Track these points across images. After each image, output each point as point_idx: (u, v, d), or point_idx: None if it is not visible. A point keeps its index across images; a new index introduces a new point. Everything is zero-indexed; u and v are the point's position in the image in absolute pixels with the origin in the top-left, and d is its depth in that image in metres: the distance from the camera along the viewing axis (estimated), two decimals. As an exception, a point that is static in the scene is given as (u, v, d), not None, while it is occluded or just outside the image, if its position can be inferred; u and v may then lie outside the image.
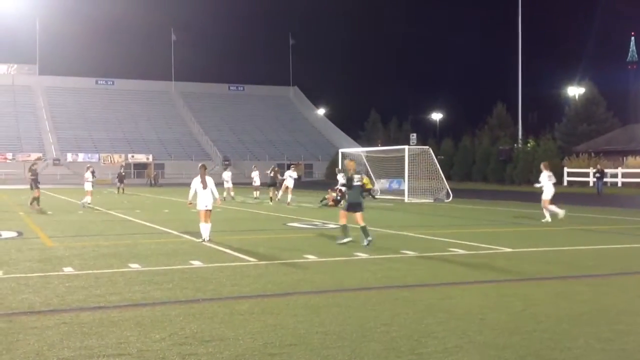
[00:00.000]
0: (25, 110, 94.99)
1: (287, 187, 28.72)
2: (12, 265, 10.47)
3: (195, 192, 13.70)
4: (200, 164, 14.44)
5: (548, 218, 19.19)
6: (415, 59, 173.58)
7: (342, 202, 26.56)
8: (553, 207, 19.38)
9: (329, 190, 27.96)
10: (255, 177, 33.92)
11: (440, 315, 7.01)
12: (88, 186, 26.75)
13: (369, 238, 12.88)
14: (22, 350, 5.65)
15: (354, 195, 13.49)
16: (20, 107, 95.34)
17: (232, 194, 32.34)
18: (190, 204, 13.99)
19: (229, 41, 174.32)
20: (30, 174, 25.08)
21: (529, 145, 58.41)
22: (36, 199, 24.09)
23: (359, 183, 13.51)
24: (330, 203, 26.45)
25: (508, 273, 9.99)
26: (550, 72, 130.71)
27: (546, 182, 19.55)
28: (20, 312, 7.08)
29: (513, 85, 64.39)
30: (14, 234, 15.43)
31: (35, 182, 24.33)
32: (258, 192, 33.11)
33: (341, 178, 29.00)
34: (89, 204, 26.13)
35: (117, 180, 43.16)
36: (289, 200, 28.01)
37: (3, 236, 15.03)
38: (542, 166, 20.41)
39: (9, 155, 79.99)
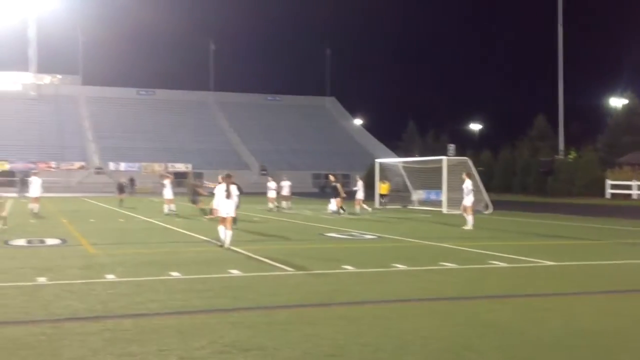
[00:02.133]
0: (68, 119, 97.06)
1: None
2: (56, 271, 10.69)
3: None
4: (225, 173, 15.10)
5: (470, 225, 20.45)
6: (454, 70, 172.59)
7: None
8: (467, 216, 20.72)
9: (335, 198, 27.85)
10: (285, 187, 33.89)
11: (480, 328, 6.94)
12: (168, 194, 26.95)
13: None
14: (67, 356, 5.76)
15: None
16: (64, 116, 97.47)
17: (278, 203, 32.33)
18: (216, 210, 14.47)
19: (267, 51, 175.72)
20: (194, 188, 25.71)
21: (570, 156, 57.51)
22: (204, 210, 24.78)
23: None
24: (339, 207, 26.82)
25: (549, 287, 9.84)
26: (592, 82, 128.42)
27: (469, 190, 20.81)
28: (64, 318, 7.23)
29: (554, 96, 63.57)
30: (58, 242, 15.76)
31: (196, 196, 25.21)
32: (289, 202, 33.15)
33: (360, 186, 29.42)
34: (174, 211, 26.51)
35: (117, 190, 38.84)
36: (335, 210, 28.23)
37: (47, 243, 15.37)
38: (464, 175, 21.63)
39: (53, 164, 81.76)
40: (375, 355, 5.88)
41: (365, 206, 28.81)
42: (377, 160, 40.99)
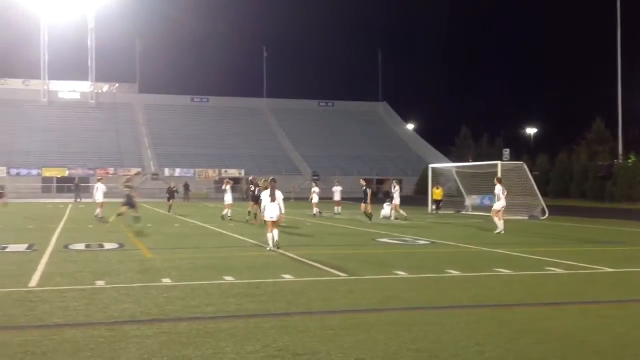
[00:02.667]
0: (125, 126, 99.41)
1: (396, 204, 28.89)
2: (113, 275, 10.94)
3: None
4: (270, 178, 15.90)
5: (501, 229, 20.97)
6: (508, 72, 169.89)
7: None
8: (496, 220, 21.29)
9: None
10: (337, 192, 33.85)
11: (537, 336, 6.80)
12: (229, 199, 27.48)
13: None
14: (124, 358, 5.88)
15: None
16: (121, 123, 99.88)
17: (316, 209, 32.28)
18: (263, 216, 15.15)
19: (319, 57, 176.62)
20: (252, 186, 26.15)
21: (629, 160, 55.88)
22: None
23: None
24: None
25: (609, 294, 9.58)
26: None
27: (500, 195, 21.48)
28: (121, 321, 7.38)
29: (612, 99, 61.89)
30: (116, 246, 16.12)
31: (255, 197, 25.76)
32: (339, 208, 33.14)
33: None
34: (229, 216, 26.92)
35: (167, 195, 35.51)
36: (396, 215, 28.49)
37: (105, 247, 15.74)
38: (495, 180, 22.50)
39: (111, 170, 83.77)
40: (429, 362, 5.81)
41: (401, 211, 28.72)
42: (430, 166, 40.65)
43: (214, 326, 7.12)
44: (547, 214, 30.80)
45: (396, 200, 28.85)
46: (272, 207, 14.84)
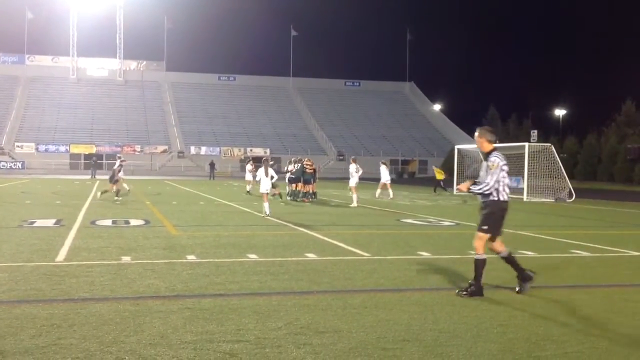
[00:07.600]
0: (153, 104, 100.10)
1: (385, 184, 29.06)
2: (139, 251, 11.07)
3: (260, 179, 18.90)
4: (264, 159, 19.59)
5: (355, 203, 23.57)
6: (537, 53, 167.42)
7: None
8: (352, 195, 24.19)
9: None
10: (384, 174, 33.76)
11: (561, 318, 6.76)
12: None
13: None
14: (148, 333, 5.96)
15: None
16: (148, 101, 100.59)
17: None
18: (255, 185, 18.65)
19: (346, 37, 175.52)
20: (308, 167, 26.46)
21: (660, 143, 54.99)
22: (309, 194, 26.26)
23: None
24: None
25: (635, 278, 9.46)
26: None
27: (354, 172, 24.58)
28: (146, 296, 7.48)
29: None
30: (142, 222, 16.31)
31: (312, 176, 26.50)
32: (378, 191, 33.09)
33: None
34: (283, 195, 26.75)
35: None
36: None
37: (132, 224, 15.92)
38: (351, 160, 25.83)
39: (138, 148, 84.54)
40: (450, 342, 5.81)
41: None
42: (457, 147, 40.37)
43: (237, 303, 7.19)
44: (574, 197, 30.48)
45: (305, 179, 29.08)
46: (266, 182, 18.64)
